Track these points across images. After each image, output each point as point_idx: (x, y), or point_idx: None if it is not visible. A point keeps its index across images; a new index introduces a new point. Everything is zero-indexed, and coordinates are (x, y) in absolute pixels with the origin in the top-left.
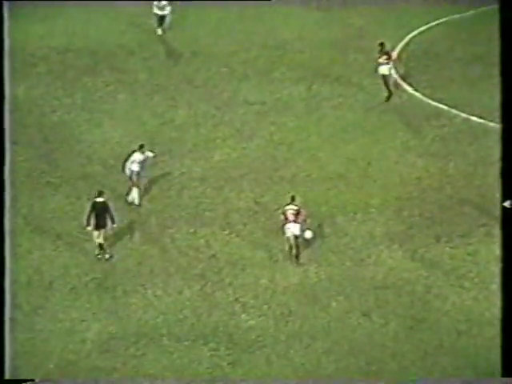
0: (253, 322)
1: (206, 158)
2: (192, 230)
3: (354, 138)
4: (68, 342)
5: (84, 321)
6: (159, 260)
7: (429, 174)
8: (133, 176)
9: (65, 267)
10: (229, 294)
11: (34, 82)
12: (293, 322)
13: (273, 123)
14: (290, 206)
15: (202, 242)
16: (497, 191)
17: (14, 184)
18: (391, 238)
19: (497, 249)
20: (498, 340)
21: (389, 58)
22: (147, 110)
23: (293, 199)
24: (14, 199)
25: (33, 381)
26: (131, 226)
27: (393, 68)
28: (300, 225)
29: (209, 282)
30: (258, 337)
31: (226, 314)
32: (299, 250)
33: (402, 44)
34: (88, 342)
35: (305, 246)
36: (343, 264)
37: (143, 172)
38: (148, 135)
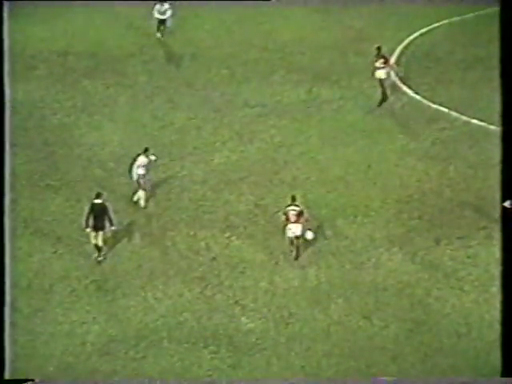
0: (253, 325)
1: (206, 160)
2: (192, 233)
3: (353, 141)
4: (68, 344)
5: (84, 323)
6: (159, 262)
7: (429, 177)
8: (140, 179)
9: (65, 270)
10: (229, 297)
11: (34, 85)
12: (293, 324)
13: (273, 126)
14: (292, 207)
15: (202, 244)
16: (497, 194)
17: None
18: (391, 241)
19: (497, 251)
20: (498, 343)
21: (385, 62)
22: (147, 112)
23: (294, 199)
24: (13, 202)
25: (33, 381)
26: (131, 228)
27: (390, 72)
28: (302, 225)
29: (209, 284)
30: (258, 339)
31: (226, 317)
32: (299, 251)
33: (401, 46)
34: (88, 344)
35: (305, 248)
36: (343, 266)
37: (148, 175)
38: (148, 138)
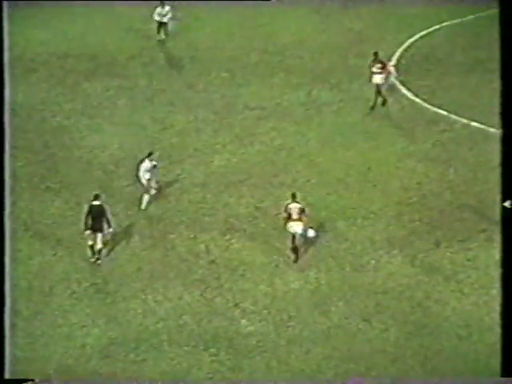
0: (253, 328)
1: (206, 163)
2: (192, 235)
3: (353, 143)
4: (68, 347)
5: (84, 326)
6: (159, 265)
7: (429, 180)
8: (147, 184)
9: (65, 272)
10: (229, 300)
11: (33, 87)
12: (293, 327)
13: (273, 128)
14: (295, 205)
15: (202, 247)
16: (497, 196)
17: (13, 189)
18: (391, 243)
19: (497, 254)
20: (498, 345)
21: (383, 67)
22: (147, 115)
23: (294, 197)
24: (13, 204)
25: (32, 381)
26: (131, 230)
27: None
28: (303, 223)
29: (209, 287)
30: (257, 342)
31: (226, 320)
32: (299, 253)
33: (401, 49)
34: (88, 347)
35: (305, 250)
36: (343, 269)
37: (155, 178)
38: (148, 140)
